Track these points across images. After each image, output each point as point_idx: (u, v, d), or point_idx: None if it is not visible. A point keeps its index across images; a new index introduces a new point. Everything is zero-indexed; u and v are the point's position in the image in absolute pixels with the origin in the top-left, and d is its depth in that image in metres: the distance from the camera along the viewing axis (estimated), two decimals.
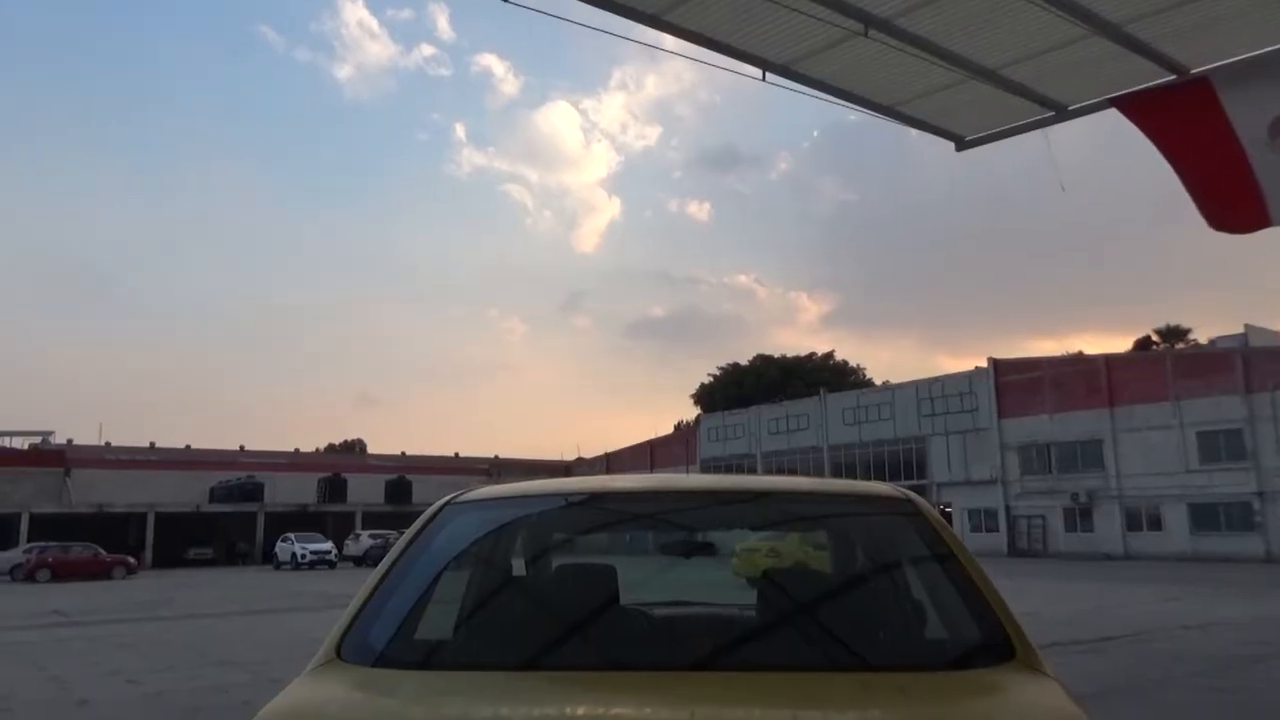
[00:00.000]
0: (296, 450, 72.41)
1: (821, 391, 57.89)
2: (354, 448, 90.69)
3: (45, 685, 10.16)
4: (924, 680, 1.80)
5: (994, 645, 1.88)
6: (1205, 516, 39.13)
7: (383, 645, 1.94)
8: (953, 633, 2.10)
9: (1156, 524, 40.67)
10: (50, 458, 58.11)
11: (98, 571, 37.75)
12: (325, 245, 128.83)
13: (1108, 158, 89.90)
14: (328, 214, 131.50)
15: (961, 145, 8.36)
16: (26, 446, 60.75)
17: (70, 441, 62.66)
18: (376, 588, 2.11)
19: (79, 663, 11.99)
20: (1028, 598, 17.20)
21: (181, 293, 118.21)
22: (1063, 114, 7.57)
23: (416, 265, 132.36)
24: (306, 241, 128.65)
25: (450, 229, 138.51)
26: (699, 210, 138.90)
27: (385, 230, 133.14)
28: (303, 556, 43.05)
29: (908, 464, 50.58)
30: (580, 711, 1.62)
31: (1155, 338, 65.47)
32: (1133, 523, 41.54)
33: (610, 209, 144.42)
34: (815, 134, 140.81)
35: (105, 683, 10.26)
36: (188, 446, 67.52)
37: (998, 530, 45.88)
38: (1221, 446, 38.92)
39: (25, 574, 36.63)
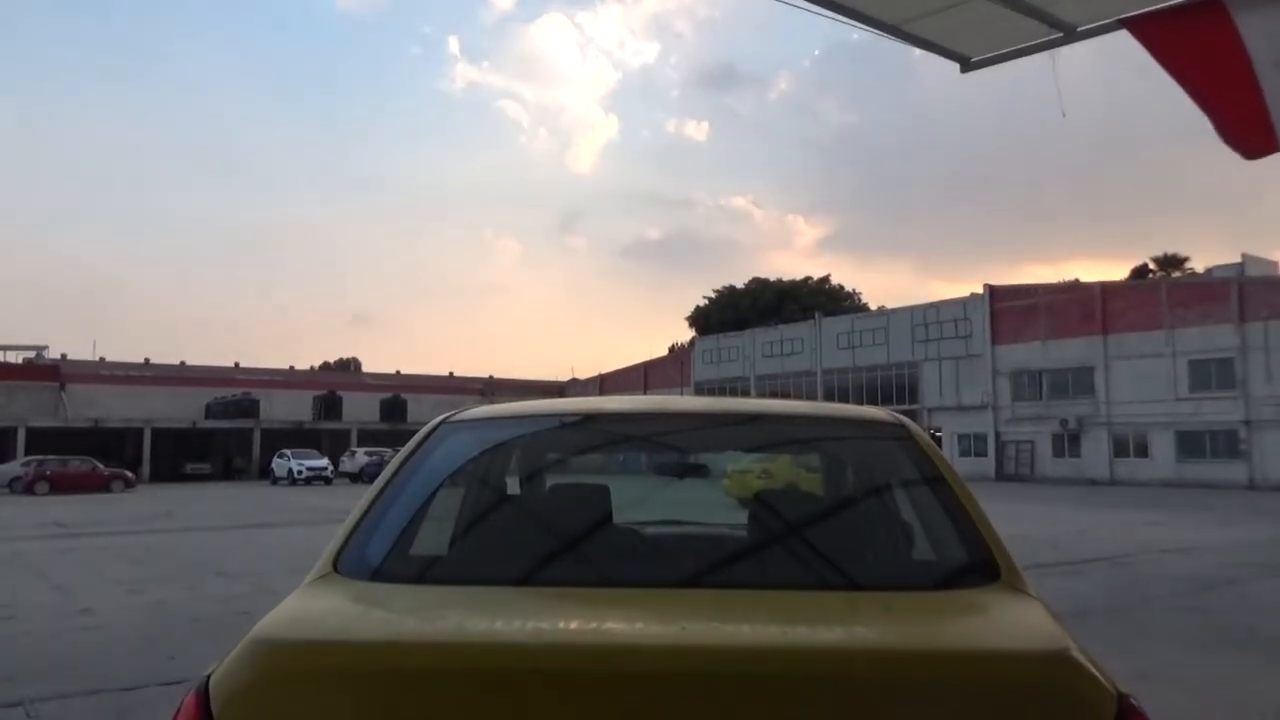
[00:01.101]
0: (291, 368, 72.51)
1: (816, 315, 57.89)
2: (349, 366, 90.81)
3: (49, 593, 10.36)
4: (910, 599, 1.84)
5: (979, 566, 1.92)
6: (1192, 444, 39.64)
7: (379, 560, 1.97)
8: (940, 554, 2.14)
9: (1143, 451, 41.21)
10: (45, 372, 58.15)
11: (96, 485, 38.16)
12: (318, 162, 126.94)
13: (1113, 82, 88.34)
14: (320, 130, 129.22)
15: (967, 66, 8.16)
16: (20, 360, 60.70)
17: (64, 356, 62.60)
18: (372, 504, 2.13)
19: (81, 572, 12.22)
20: (1014, 521, 17.51)
21: (171, 208, 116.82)
22: (1072, 35, 7.37)
23: (410, 183, 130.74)
24: (299, 158, 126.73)
25: (444, 146, 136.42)
26: (696, 130, 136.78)
27: (378, 147, 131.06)
28: (299, 472, 43.53)
29: (900, 389, 50.91)
30: (574, 626, 1.66)
31: (1152, 266, 65.27)
32: (1120, 449, 42.08)
33: (607, 128, 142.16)
34: (816, 53, 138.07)
35: (108, 591, 10.47)
36: (182, 363, 67.49)
37: (986, 455, 46.47)
38: (1212, 375, 39.19)
39: (24, 486, 37.03)
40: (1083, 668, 1.46)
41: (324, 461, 45.11)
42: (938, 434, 46.68)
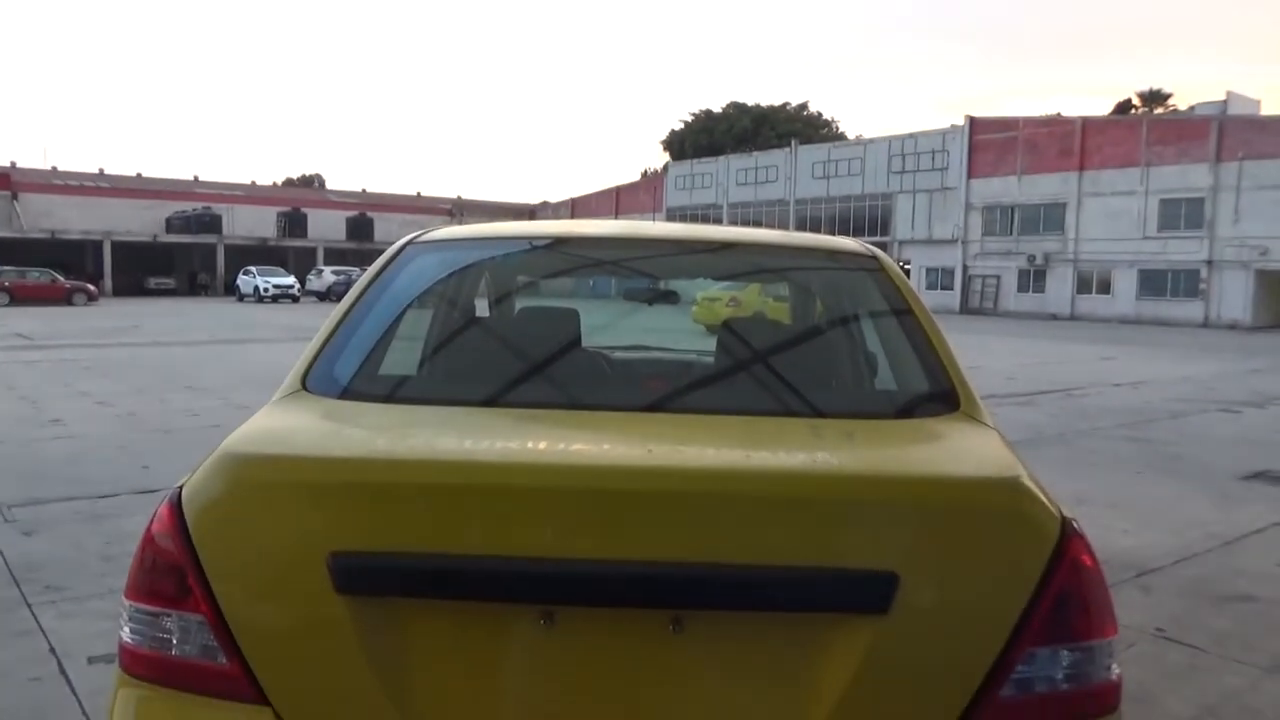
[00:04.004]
0: (253, 183, 70.61)
1: (793, 143, 56.77)
2: (312, 182, 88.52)
3: (16, 404, 10.40)
4: (871, 426, 1.89)
5: (940, 396, 1.96)
6: (1153, 282, 40.33)
7: (348, 379, 1.97)
8: (902, 384, 2.18)
9: (1105, 287, 41.93)
10: None
11: (57, 297, 37.69)
12: None
13: None
14: None
15: None
16: None
17: (14, 164, 60.25)
18: (340, 323, 2.11)
19: (48, 384, 12.23)
20: (974, 353, 17.95)
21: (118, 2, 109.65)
22: None
23: None
24: None
25: None
26: None
27: None
28: (265, 290, 43.17)
29: (873, 220, 50.75)
30: (542, 446, 1.68)
31: (1137, 101, 64.25)
32: (1083, 285, 42.76)
33: None
34: None
35: (76, 403, 10.53)
36: (139, 174, 65.35)
37: (953, 289, 47.04)
38: (1181, 214, 39.42)
39: None
40: (1031, 493, 1.51)
41: (291, 279, 44.67)
42: (907, 266, 46.97)
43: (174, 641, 1.48)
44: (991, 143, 46.13)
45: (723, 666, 1.45)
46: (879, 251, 2.49)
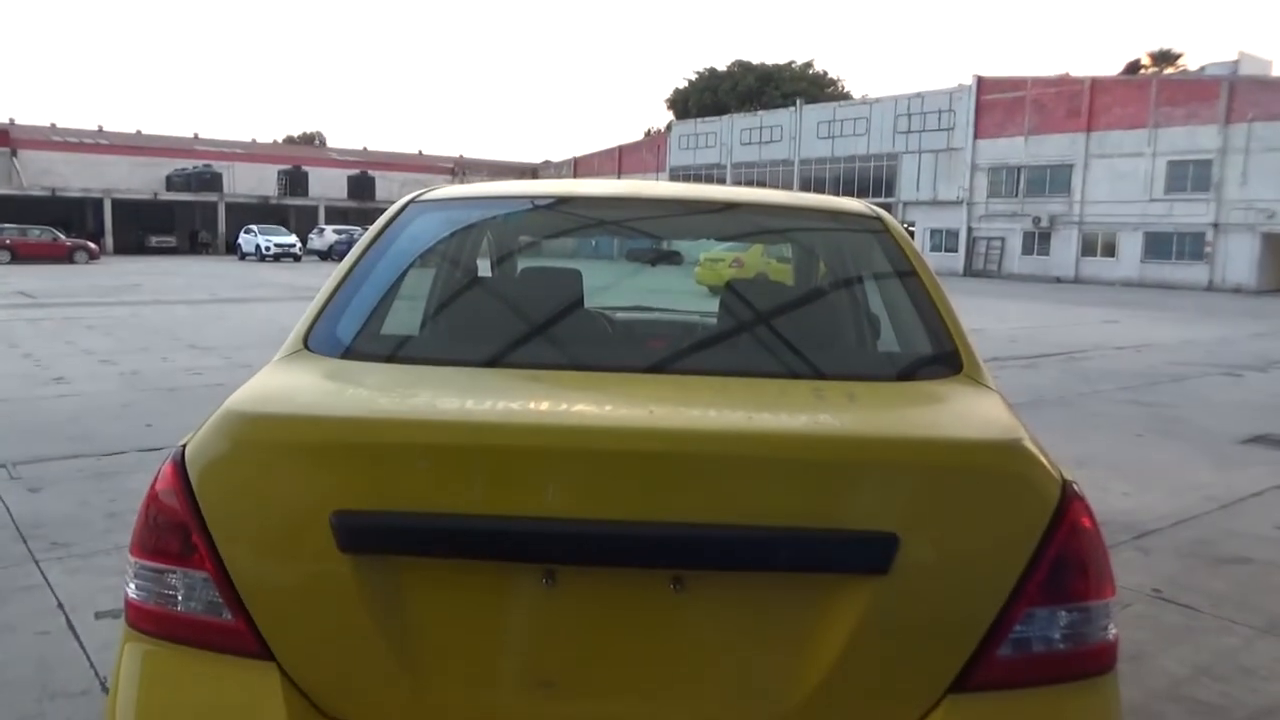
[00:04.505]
0: (254, 140, 70.05)
1: (798, 102, 56.16)
2: (313, 140, 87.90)
3: (19, 362, 10.42)
4: (874, 388, 1.88)
5: (943, 359, 1.96)
6: (1158, 245, 40.09)
7: (350, 338, 1.97)
8: (905, 346, 2.18)
9: (1110, 250, 41.68)
10: None
11: (58, 255, 37.63)
12: None
13: None
14: None
15: None
16: None
17: (13, 121, 59.78)
18: (342, 283, 2.11)
19: (51, 342, 12.25)
20: (978, 316, 17.91)
21: None
22: None
23: None
24: None
25: None
26: None
27: None
28: (267, 249, 43.09)
29: (877, 181, 50.35)
30: (544, 406, 1.69)
31: (1147, 61, 63.43)
32: (1088, 248, 42.51)
33: None
34: None
35: (80, 361, 10.55)
36: (138, 131, 64.81)
37: (957, 250, 46.79)
38: (1188, 177, 39.06)
39: None
40: (1033, 456, 1.51)
41: (292, 238, 44.55)
42: (911, 228, 46.71)
43: (179, 598, 1.50)
44: (998, 103, 45.60)
45: (723, 626, 1.46)
46: (883, 213, 2.47)
